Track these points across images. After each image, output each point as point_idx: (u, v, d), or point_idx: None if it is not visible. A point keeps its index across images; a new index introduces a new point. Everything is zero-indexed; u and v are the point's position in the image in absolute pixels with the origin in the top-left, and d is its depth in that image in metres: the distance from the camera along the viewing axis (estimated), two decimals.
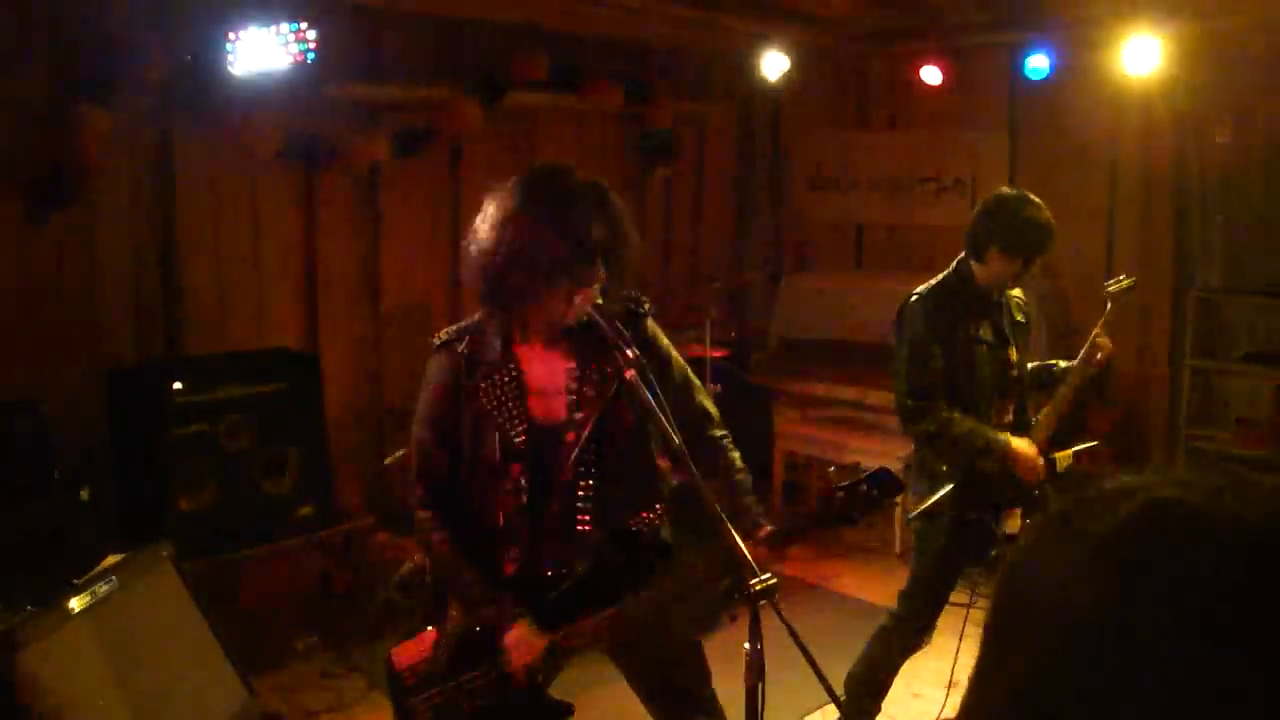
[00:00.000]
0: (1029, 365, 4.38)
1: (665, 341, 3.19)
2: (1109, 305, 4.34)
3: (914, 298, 4.17)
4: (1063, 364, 4.38)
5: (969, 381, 4.11)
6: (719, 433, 3.22)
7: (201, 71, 5.09)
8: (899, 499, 3.12)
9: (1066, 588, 0.75)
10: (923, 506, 3.13)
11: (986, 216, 4.11)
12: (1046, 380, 4.38)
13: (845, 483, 2.93)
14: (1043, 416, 4.25)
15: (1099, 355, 4.20)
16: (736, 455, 3.20)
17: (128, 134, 5.19)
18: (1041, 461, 4.09)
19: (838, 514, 2.92)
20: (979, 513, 4.15)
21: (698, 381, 3.29)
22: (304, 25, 5.02)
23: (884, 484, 2.91)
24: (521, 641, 2.92)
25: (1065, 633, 0.74)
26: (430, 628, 3.12)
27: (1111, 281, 4.43)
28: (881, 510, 3.06)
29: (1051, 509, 0.84)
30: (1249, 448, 6.44)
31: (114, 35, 4.93)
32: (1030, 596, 0.79)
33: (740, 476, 3.18)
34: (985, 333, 4.13)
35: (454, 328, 3.11)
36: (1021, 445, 4.08)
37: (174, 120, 5.35)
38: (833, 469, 2.98)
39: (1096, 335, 4.21)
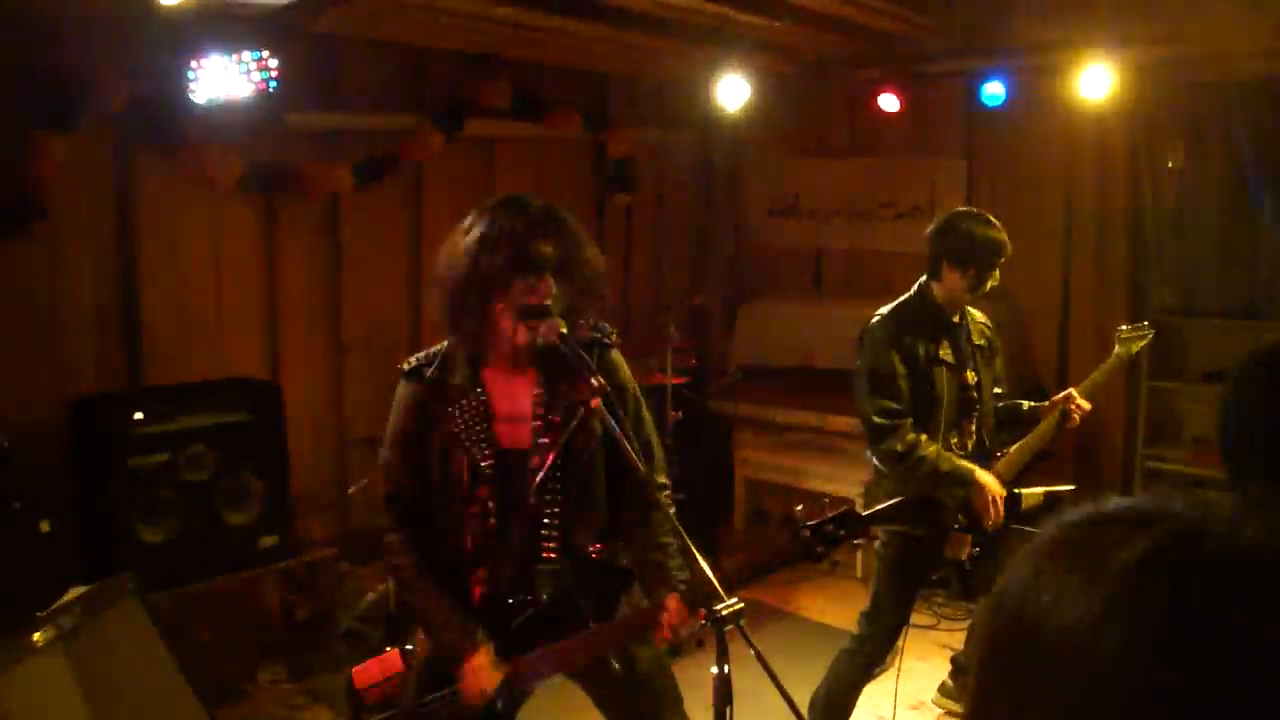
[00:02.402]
0: (1000, 403, 4.42)
1: (627, 374, 3.20)
2: (1115, 351, 4.35)
3: (876, 319, 4.23)
4: (1028, 404, 4.41)
5: (929, 401, 4.15)
6: (660, 480, 3.17)
7: (162, 100, 5.10)
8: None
9: (1091, 628, 0.70)
10: (869, 511, 3.18)
11: (939, 233, 4.23)
12: (1015, 419, 4.40)
13: (812, 521, 2.97)
14: (1012, 452, 4.28)
15: (1075, 417, 4.23)
16: (672, 511, 3.08)
17: (88, 162, 5.17)
18: (1002, 500, 4.12)
19: (804, 551, 2.95)
20: (927, 530, 4.18)
21: (651, 423, 3.29)
22: (266, 54, 5.03)
23: (849, 522, 2.96)
24: (479, 669, 2.93)
25: (1095, 676, 0.69)
26: (392, 648, 3.13)
27: (1128, 328, 4.43)
28: (849, 548, 3.10)
29: (1046, 537, 0.79)
30: (1205, 467, 6.50)
31: (74, 63, 4.91)
32: (1041, 635, 0.73)
33: (666, 539, 3.13)
34: (945, 353, 4.18)
35: (423, 354, 3.13)
36: (987, 480, 4.11)
37: (135, 148, 5.34)
38: (799, 507, 3.02)
39: (1073, 395, 4.24)
